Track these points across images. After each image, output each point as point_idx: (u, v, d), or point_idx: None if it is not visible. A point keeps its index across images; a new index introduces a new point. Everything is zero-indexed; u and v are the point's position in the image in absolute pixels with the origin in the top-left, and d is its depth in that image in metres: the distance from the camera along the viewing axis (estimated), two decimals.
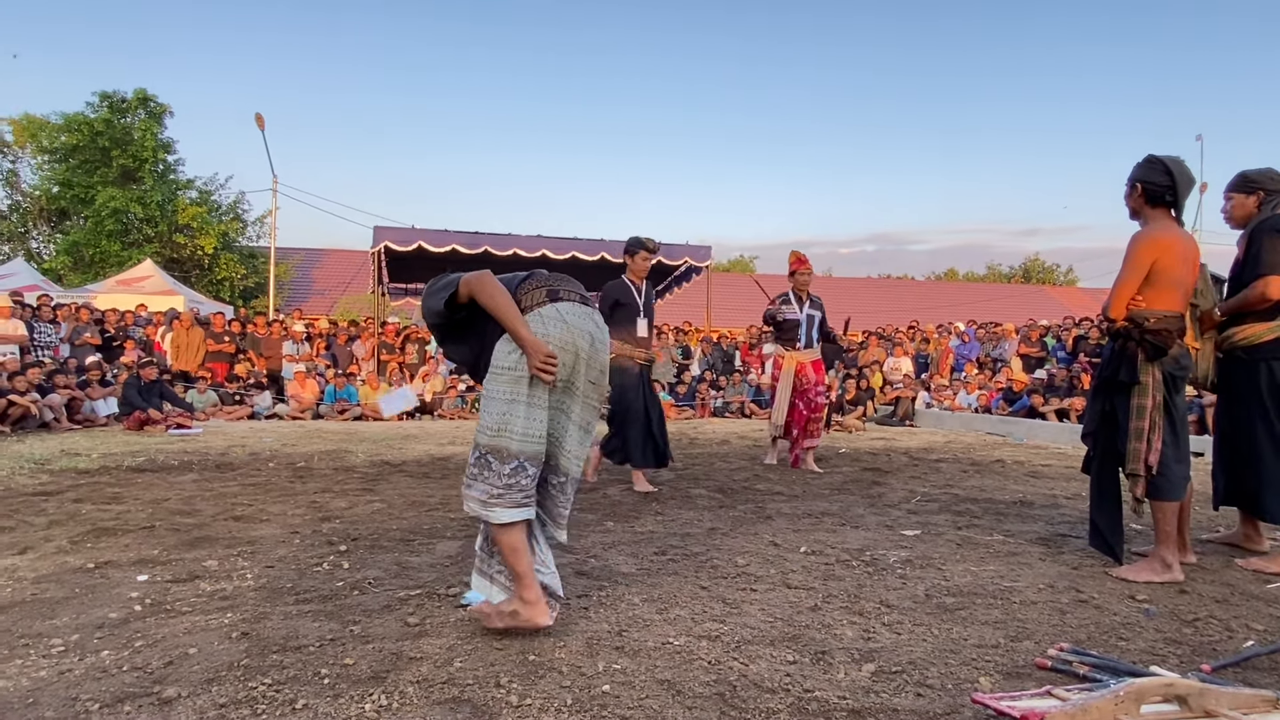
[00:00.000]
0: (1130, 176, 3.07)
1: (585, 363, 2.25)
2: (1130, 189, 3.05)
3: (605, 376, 2.37)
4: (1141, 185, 3.01)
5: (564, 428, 2.26)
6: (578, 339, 2.22)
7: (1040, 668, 2.02)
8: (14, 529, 3.57)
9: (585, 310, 2.30)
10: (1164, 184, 2.97)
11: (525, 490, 2.18)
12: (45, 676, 1.91)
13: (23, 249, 21.75)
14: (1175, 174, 2.96)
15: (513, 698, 1.81)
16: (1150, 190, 2.99)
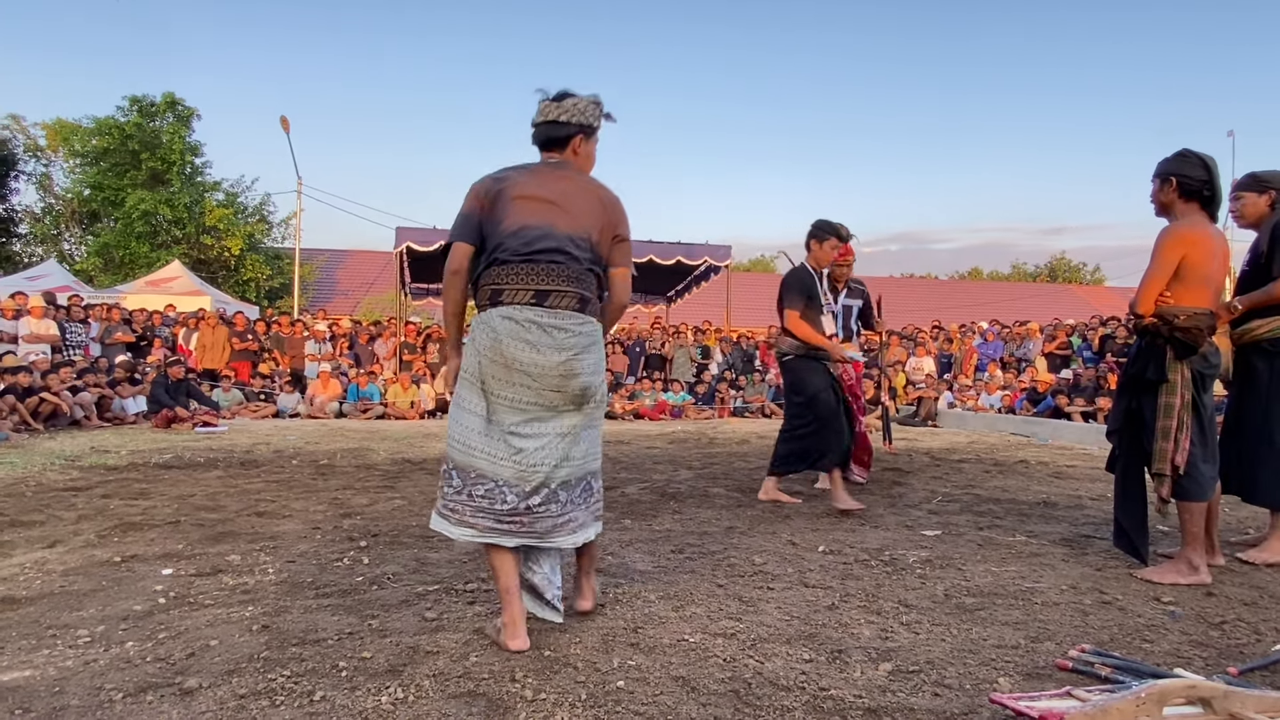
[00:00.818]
0: (1161, 171, 3.00)
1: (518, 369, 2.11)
2: (1163, 183, 2.98)
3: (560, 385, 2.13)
4: (1176, 179, 2.94)
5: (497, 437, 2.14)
6: (505, 350, 2.10)
7: (1061, 669, 1.99)
8: (44, 523, 3.65)
9: (527, 318, 2.10)
10: (1201, 178, 2.91)
11: (477, 507, 2.10)
12: (71, 666, 1.95)
13: (55, 251, 22.25)
14: (1212, 169, 2.91)
15: (527, 692, 1.82)
16: (1186, 184, 2.93)
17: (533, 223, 2.16)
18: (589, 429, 2.26)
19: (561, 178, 2.26)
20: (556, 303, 2.14)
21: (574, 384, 2.15)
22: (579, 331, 2.16)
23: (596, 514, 2.32)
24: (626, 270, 2.34)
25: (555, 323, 2.12)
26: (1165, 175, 2.98)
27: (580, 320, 2.16)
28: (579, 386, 2.16)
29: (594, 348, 2.21)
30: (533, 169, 2.28)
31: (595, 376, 2.21)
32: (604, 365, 2.30)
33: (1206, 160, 2.92)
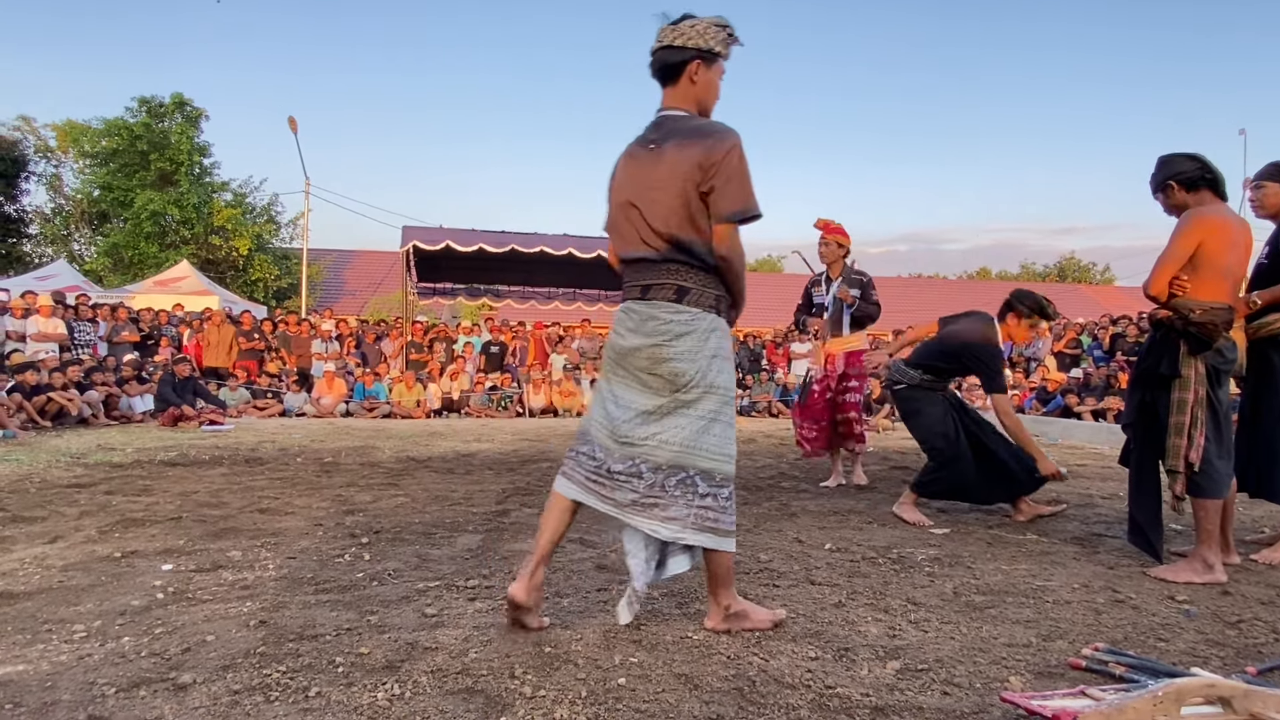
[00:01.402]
0: (1156, 182, 3.01)
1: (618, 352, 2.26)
2: (1165, 190, 2.97)
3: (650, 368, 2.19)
4: (1174, 180, 2.92)
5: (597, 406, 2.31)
6: (612, 336, 2.30)
7: (1074, 668, 1.94)
8: (46, 519, 3.64)
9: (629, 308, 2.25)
10: (1193, 167, 2.90)
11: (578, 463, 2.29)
12: (65, 661, 1.92)
13: (65, 251, 22.35)
14: (1198, 157, 2.90)
15: (526, 689, 1.78)
16: (1185, 179, 2.90)
17: (622, 231, 2.24)
18: (688, 416, 2.16)
19: (650, 161, 2.16)
20: (655, 295, 2.20)
21: (664, 368, 2.17)
22: (671, 319, 2.18)
23: (703, 522, 2.12)
24: (723, 228, 2.12)
25: (650, 311, 2.19)
26: (1163, 182, 2.98)
27: (674, 310, 2.18)
28: (669, 371, 2.17)
29: (690, 334, 2.17)
30: (630, 152, 2.25)
31: (688, 362, 2.16)
32: (708, 351, 2.18)
33: (1188, 153, 2.94)
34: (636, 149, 2.23)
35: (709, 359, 2.17)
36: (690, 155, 2.10)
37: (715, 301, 2.21)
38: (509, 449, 7.12)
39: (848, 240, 4.94)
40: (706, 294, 2.19)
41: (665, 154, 2.14)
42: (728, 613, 2.20)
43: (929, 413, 3.97)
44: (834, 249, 4.92)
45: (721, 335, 2.21)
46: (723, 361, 2.20)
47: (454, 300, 17.71)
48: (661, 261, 2.17)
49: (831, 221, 4.93)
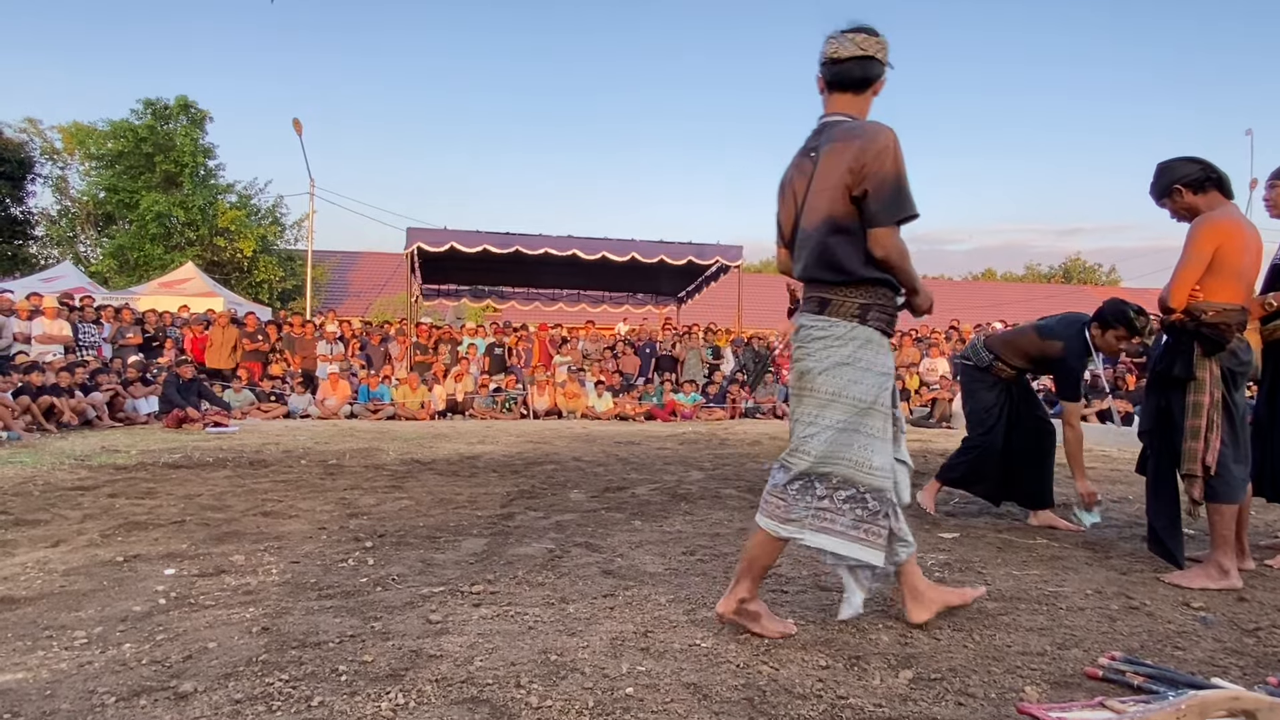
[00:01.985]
0: (1160, 189, 2.97)
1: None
2: (1171, 195, 2.93)
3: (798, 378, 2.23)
4: (1181, 184, 2.89)
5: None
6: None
7: (1091, 677, 1.90)
8: (49, 522, 3.62)
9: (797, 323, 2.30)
10: (1195, 169, 2.87)
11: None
12: (65, 669, 1.90)
13: (71, 253, 22.39)
14: (1197, 158, 2.87)
15: (533, 699, 1.75)
16: (1191, 181, 2.86)
17: (794, 242, 2.27)
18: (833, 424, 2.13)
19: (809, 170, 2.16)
20: (806, 307, 2.25)
21: (805, 380, 2.20)
22: (809, 328, 2.21)
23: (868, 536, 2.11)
24: (879, 231, 2.07)
25: (800, 322, 2.25)
26: (1168, 188, 2.94)
27: (812, 319, 2.21)
28: (808, 380, 2.19)
29: (821, 340, 2.17)
30: (795, 162, 2.26)
31: (814, 361, 2.16)
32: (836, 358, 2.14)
33: (1187, 156, 2.91)
34: (800, 159, 2.23)
35: (836, 365, 2.14)
36: (843, 159, 2.08)
37: (860, 311, 2.15)
38: (513, 451, 7.10)
39: None
40: (849, 304, 2.15)
41: (820, 160, 2.14)
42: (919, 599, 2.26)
43: (981, 397, 3.98)
44: None
45: (859, 344, 2.15)
46: (854, 370, 2.13)
47: (458, 302, 17.70)
48: (817, 274, 2.18)
49: None
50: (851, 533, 2.12)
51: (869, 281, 2.14)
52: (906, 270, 2.15)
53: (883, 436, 2.16)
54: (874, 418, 2.15)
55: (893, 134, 2.08)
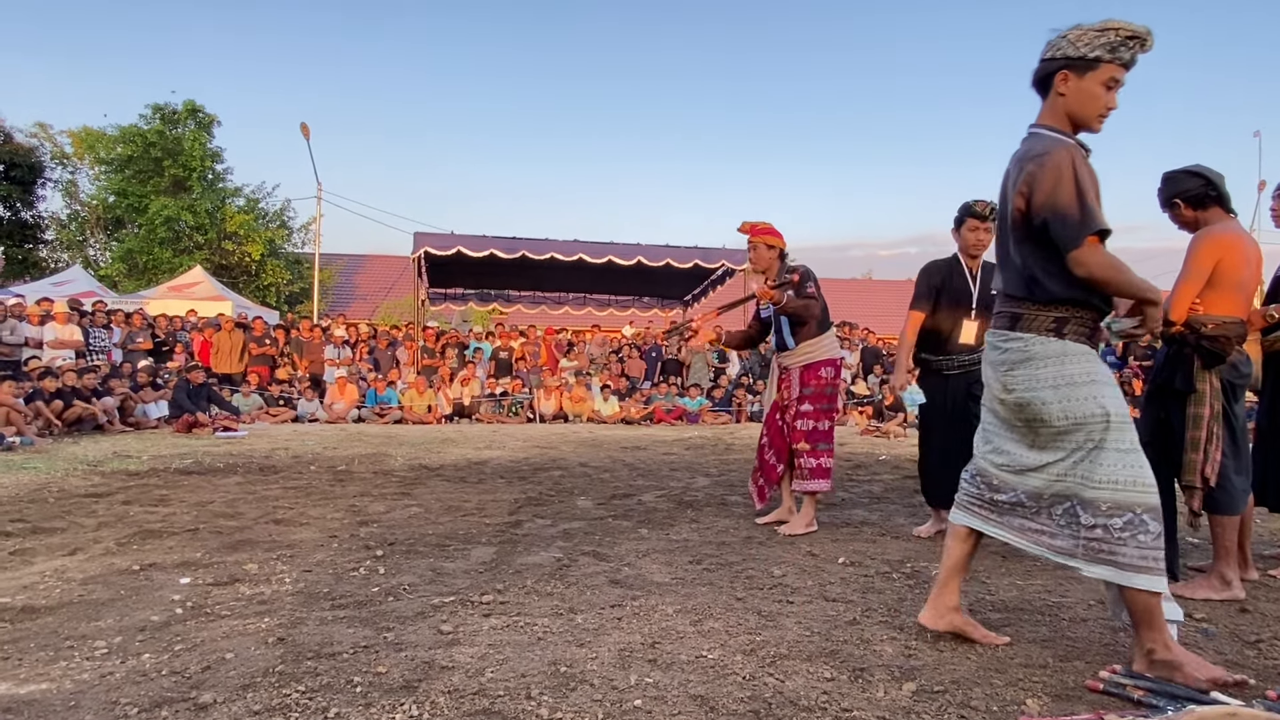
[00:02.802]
0: (1162, 200, 3.00)
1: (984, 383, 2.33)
2: (1171, 209, 2.96)
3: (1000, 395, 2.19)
4: (1180, 199, 2.92)
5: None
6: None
7: (1092, 690, 1.93)
8: (65, 530, 3.67)
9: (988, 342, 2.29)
10: (1197, 184, 2.90)
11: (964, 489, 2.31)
12: (87, 679, 1.95)
13: (81, 257, 22.56)
14: (1201, 172, 2.89)
15: (543, 710, 1.79)
16: (1191, 197, 2.89)
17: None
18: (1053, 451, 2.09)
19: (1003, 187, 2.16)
20: (997, 323, 2.23)
21: (1010, 399, 2.15)
22: (1005, 348, 2.17)
23: (1095, 554, 2.00)
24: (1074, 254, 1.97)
25: (991, 341, 2.24)
26: (1169, 201, 2.97)
27: (1005, 337, 2.18)
28: (1013, 402, 2.15)
29: (1026, 364, 2.11)
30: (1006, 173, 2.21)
31: (1031, 393, 2.10)
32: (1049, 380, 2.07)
33: (1191, 169, 2.93)
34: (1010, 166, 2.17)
35: (1053, 389, 2.06)
36: (1014, 184, 2.06)
37: (1056, 325, 2.08)
38: (520, 457, 7.14)
39: (779, 240, 4.17)
40: (1042, 318, 2.09)
41: (1007, 179, 2.13)
42: (1151, 658, 1.99)
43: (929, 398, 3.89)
44: (763, 252, 4.15)
45: (1071, 360, 2.06)
46: (1075, 388, 2.04)
47: (465, 305, 17.77)
48: (1006, 288, 2.17)
49: (758, 223, 4.24)
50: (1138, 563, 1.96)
51: (1066, 301, 2.07)
52: (1120, 283, 2.02)
53: (1133, 448, 2.03)
54: (1120, 431, 2.03)
55: (1056, 152, 1.99)
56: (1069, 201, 1.96)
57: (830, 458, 3.96)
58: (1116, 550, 1.97)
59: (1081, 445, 2.04)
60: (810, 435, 3.96)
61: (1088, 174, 2.01)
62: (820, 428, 3.98)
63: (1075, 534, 2.03)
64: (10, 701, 1.81)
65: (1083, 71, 2.04)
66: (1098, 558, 2.00)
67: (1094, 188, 2.02)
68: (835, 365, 4.09)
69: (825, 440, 3.97)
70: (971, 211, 3.62)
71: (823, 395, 4.02)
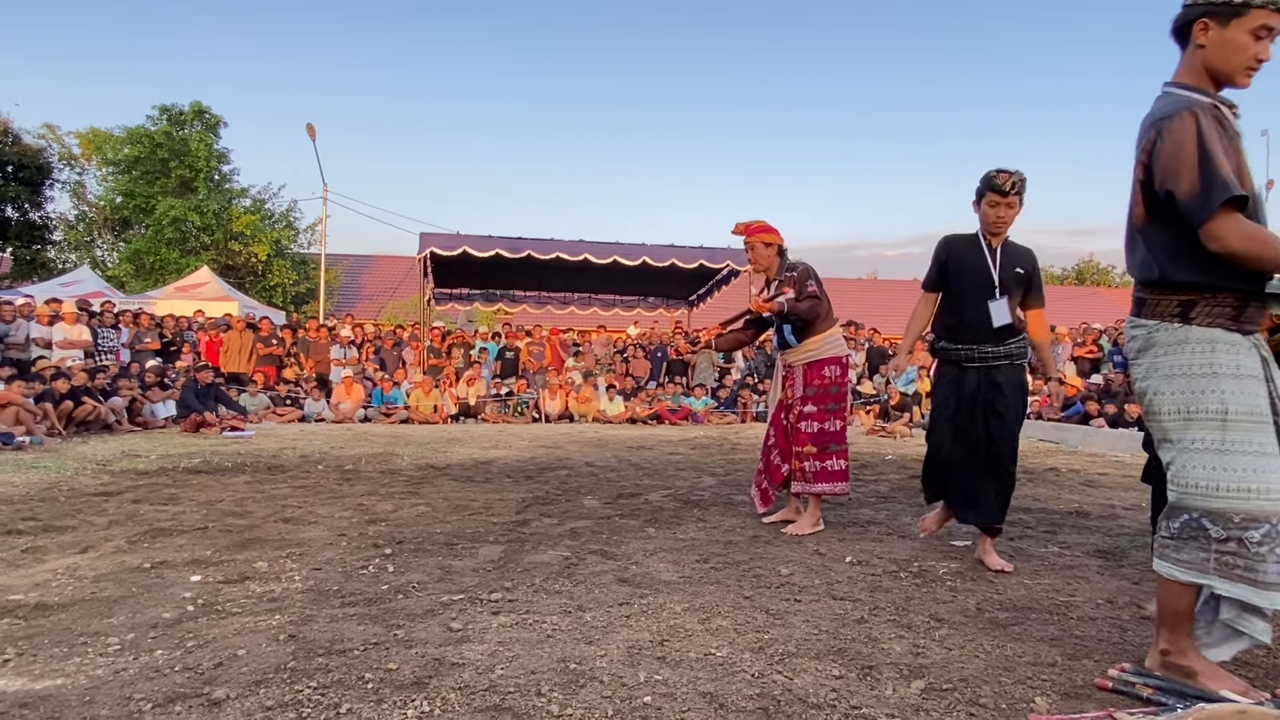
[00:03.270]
0: None
1: None
2: None
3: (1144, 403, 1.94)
4: None
5: None
6: None
7: (1101, 689, 1.93)
8: (77, 528, 3.70)
9: None
10: None
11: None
12: (101, 675, 1.96)
13: (88, 257, 22.66)
14: None
15: (553, 707, 1.80)
16: None
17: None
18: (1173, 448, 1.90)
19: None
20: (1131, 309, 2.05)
21: (1145, 402, 1.97)
22: (1131, 334, 2.02)
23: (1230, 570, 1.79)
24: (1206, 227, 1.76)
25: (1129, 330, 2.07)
26: None
27: (1132, 324, 2.02)
28: (1138, 392, 1.99)
29: (1146, 351, 1.95)
30: None
31: (1145, 382, 1.95)
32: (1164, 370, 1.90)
33: None
34: None
35: (1165, 379, 1.89)
36: (1138, 149, 1.89)
37: (1181, 309, 1.88)
38: (526, 456, 7.16)
39: (775, 236, 4.03)
40: (1165, 302, 1.91)
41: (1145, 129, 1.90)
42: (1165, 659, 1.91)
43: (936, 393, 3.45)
44: (762, 251, 4.02)
45: (1192, 349, 1.87)
46: (1191, 380, 1.86)
47: (470, 305, 17.81)
48: (1132, 271, 1.99)
49: (752, 222, 4.09)
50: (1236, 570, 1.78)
51: (1195, 284, 1.86)
52: (1257, 257, 1.76)
53: (1270, 451, 1.81)
54: (1246, 431, 1.81)
55: (1181, 115, 1.80)
56: (1192, 167, 1.76)
57: (843, 459, 3.87)
58: (1256, 569, 1.75)
59: (1188, 445, 1.85)
60: (816, 437, 3.86)
61: (1218, 136, 1.80)
62: (828, 428, 3.87)
63: (1204, 547, 1.81)
64: (26, 697, 1.83)
65: (1226, 19, 1.83)
66: (1231, 575, 1.78)
67: (1230, 151, 1.80)
68: (840, 363, 3.97)
69: (835, 441, 3.87)
70: (992, 185, 3.19)
71: (827, 395, 3.90)
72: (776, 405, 4.17)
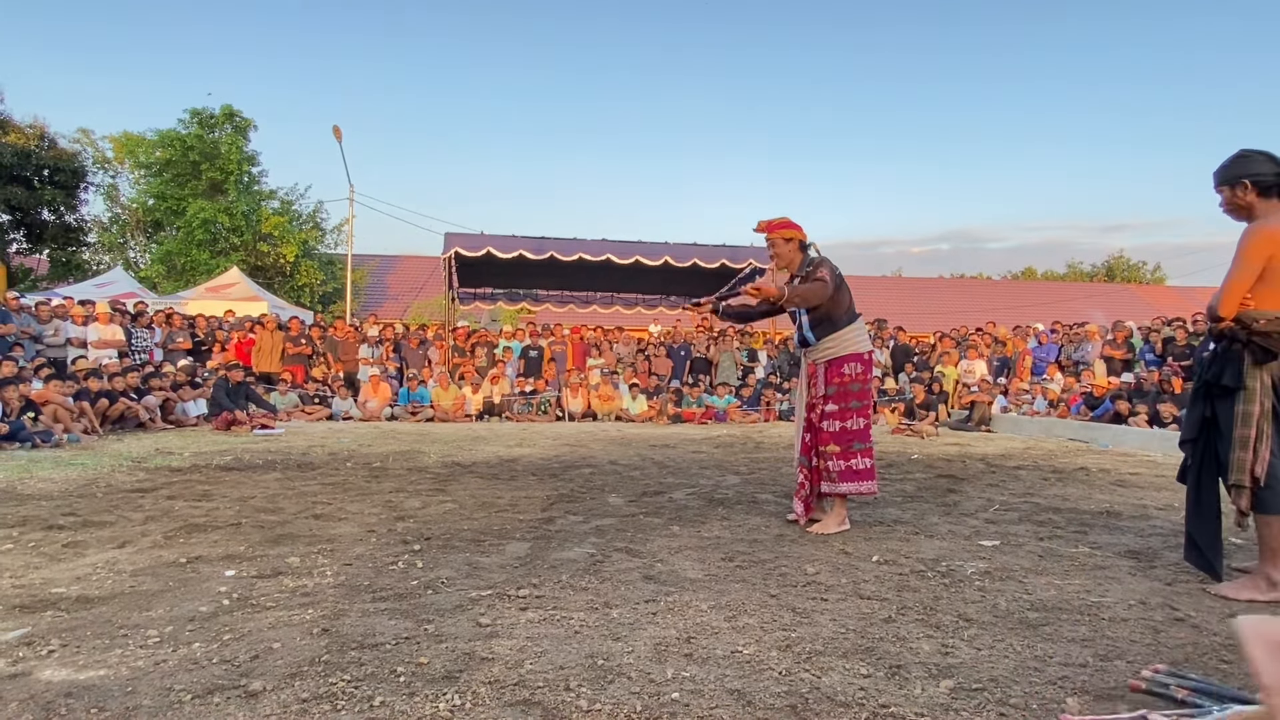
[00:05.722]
0: (1230, 177, 2.86)
1: None
2: (1235, 188, 2.85)
3: None
4: (1250, 180, 2.81)
5: None
6: None
7: (1134, 690, 1.91)
8: (114, 524, 3.79)
9: None
10: (1272, 171, 2.76)
11: None
12: (142, 666, 2.01)
13: (122, 259, 23.12)
14: (1278, 157, 2.78)
15: (582, 702, 1.82)
16: (1261, 182, 2.80)
17: None
18: None
19: None
20: None
21: None
22: None
23: None
24: None
25: None
26: (1236, 179, 2.84)
27: None
28: None
29: None
30: None
31: None
32: None
33: (1271, 155, 2.80)
34: None
35: None
36: None
37: None
38: (550, 454, 7.20)
39: (796, 231, 3.96)
40: None
41: None
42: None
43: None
44: (782, 247, 3.96)
45: None
46: None
47: (494, 305, 17.92)
48: None
49: (773, 219, 4.02)
50: None
51: None
52: None
53: None
54: None
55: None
56: None
57: (867, 458, 3.82)
58: None
59: None
60: (839, 436, 3.81)
61: None
62: (851, 427, 3.82)
63: None
64: (71, 686, 1.88)
65: None
66: None
67: None
68: (862, 360, 3.88)
69: (860, 440, 3.82)
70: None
71: (848, 393, 3.84)
72: (806, 406, 4.06)
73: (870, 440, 3.89)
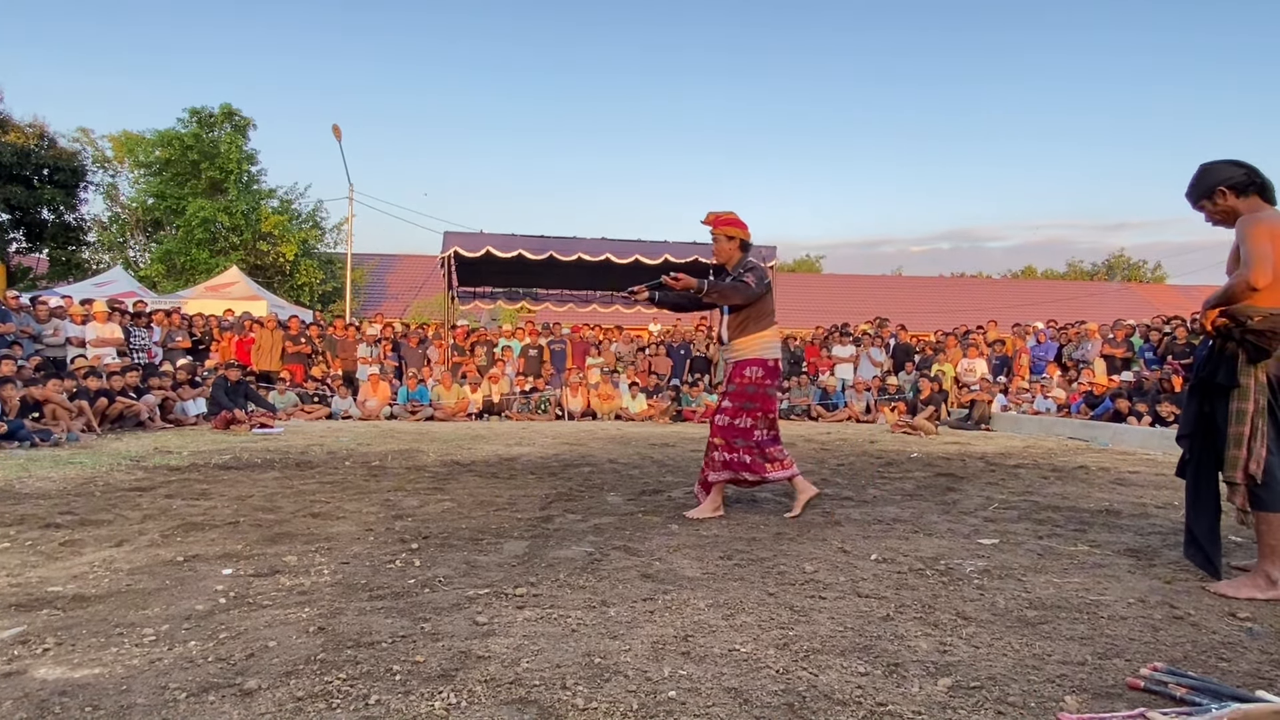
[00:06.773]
0: (1203, 190, 2.92)
1: None
2: (1214, 197, 2.89)
3: None
4: (1224, 186, 2.85)
5: None
6: None
7: (1132, 688, 1.90)
8: (112, 522, 3.78)
9: None
10: (1240, 172, 2.84)
11: None
12: (137, 665, 2.01)
13: (121, 258, 23.13)
14: (1241, 161, 2.84)
15: (578, 700, 1.81)
16: (1236, 184, 2.83)
17: None
18: None
19: None
20: None
21: None
22: None
23: None
24: None
25: None
26: (1211, 189, 2.90)
27: None
28: None
29: None
30: None
31: None
32: None
33: (1231, 160, 2.87)
34: None
35: None
36: None
37: None
38: (550, 453, 7.19)
39: (739, 229, 4.01)
40: None
41: None
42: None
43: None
44: (724, 244, 4.04)
45: None
46: None
47: (494, 304, 17.92)
48: None
49: (721, 213, 4.05)
50: None
51: None
52: None
53: None
54: None
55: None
56: None
57: (748, 454, 3.97)
58: None
59: None
60: (725, 431, 4.00)
61: None
62: (739, 425, 3.98)
63: None
64: (66, 685, 1.87)
65: None
66: None
67: None
68: (765, 365, 3.99)
69: (744, 438, 3.99)
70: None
71: (744, 394, 4.00)
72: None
73: (753, 440, 3.99)
